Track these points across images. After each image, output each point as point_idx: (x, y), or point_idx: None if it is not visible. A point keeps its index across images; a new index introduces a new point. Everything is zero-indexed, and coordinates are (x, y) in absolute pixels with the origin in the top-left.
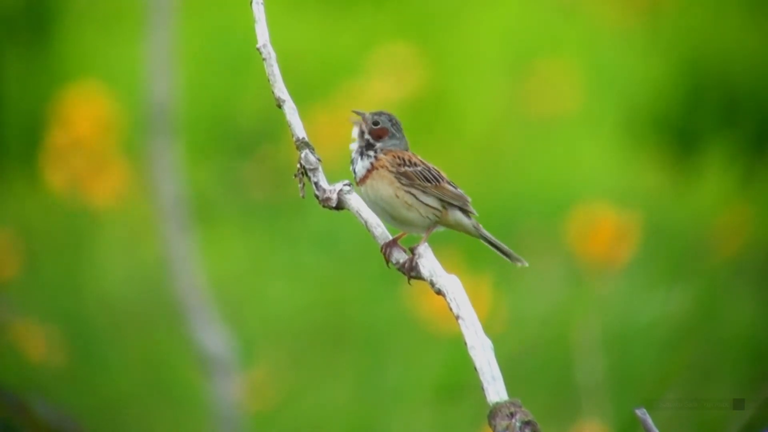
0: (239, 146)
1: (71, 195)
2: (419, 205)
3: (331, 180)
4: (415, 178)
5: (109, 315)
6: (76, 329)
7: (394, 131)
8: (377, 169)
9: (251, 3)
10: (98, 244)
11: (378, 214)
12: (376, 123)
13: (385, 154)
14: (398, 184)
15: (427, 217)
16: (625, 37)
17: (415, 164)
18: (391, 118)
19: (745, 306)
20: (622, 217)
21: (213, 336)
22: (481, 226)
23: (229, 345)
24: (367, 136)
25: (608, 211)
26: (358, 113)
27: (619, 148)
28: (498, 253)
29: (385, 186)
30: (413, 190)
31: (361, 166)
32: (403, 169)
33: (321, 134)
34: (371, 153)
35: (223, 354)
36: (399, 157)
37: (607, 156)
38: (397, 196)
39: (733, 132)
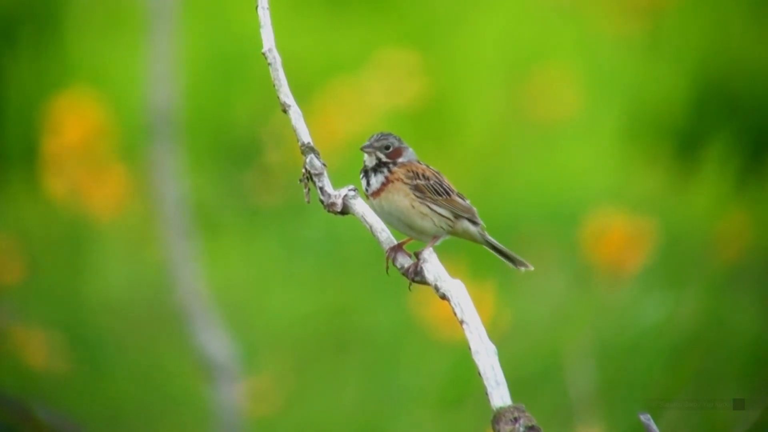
0: (240, 152)
1: (71, 201)
2: (433, 215)
3: (336, 185)
4: (427, 191)
5: (110, 321)
6: (78, 335)
7: (403, 146)
8: (393, 182)
9: (257, 8)
10: (99, 250)
11: (394, 225)
12: (387, 147)
13: (399, 167)
14: (413, 196)
15: (441, 226)
16: (626, 41)
17: (428, 178)
18: (396, 137)
19: (748, 311)
20: (627, 222)
21: (215, 342)
22: (486, 233)
23: (231, 351)
24: (385, 160)
25: (611, 216)
26: (367, 149)
27: (619, 152)
28: (502, 258)
29: (401, 197)
30: (426, 202)
31: (375, 180)
32: (416, 182)
33: (321, 138)
34: (384, 169)
35: (225, 360)
36: (412, 171)
37: (607, 160)
38: (413, 207)
39: (733, 137)
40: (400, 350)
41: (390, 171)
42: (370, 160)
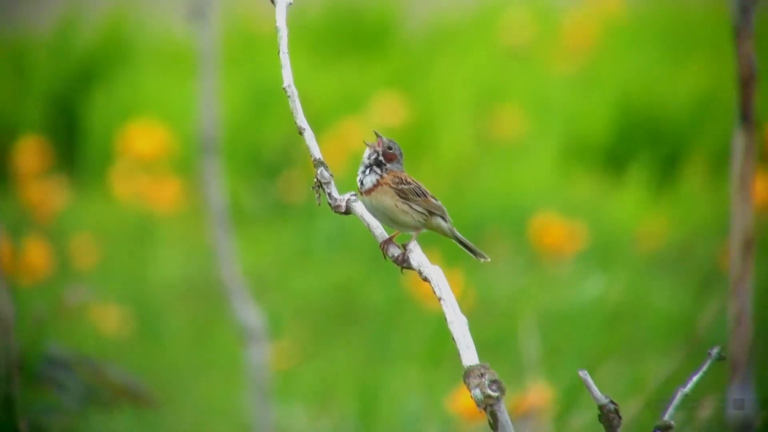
0: (270, 166)
1: (137, 203)
2: (412, 212)
3: (341, 191)
4: (409, 194)
5: (167, 297)
6: (141, 309)
7: (399, 158)
8: (382, 185)
9: (278, 53)
10: (159, 241)
11: (379, 218)
12: (389, 147)
13: (387, 173)
14: (397, 197)
15: (418, 221)
16: (564, 79)
17: (409, 183)
18: (398, 148)
19: (664, 290)
20: (564, 221)
21: (249, 313)
22: (455, 229)
23: (261, 320)
24: (380, 158)
25: (552, 216)
26: (377, 135)
27: (559, 167)
28: (465, 250)
29: (387, 198)
30: (408, 202)
31: (369, 180)
32: (400, 187)
33: (330, 157)
34: (378, 171)
35: (256, 327)
36: (398, 177)
37: (550, 174)
38: (396, 206)
39: (651, 155)
40: (393, 320)
41: (381, 176)
42: (369, 152)
